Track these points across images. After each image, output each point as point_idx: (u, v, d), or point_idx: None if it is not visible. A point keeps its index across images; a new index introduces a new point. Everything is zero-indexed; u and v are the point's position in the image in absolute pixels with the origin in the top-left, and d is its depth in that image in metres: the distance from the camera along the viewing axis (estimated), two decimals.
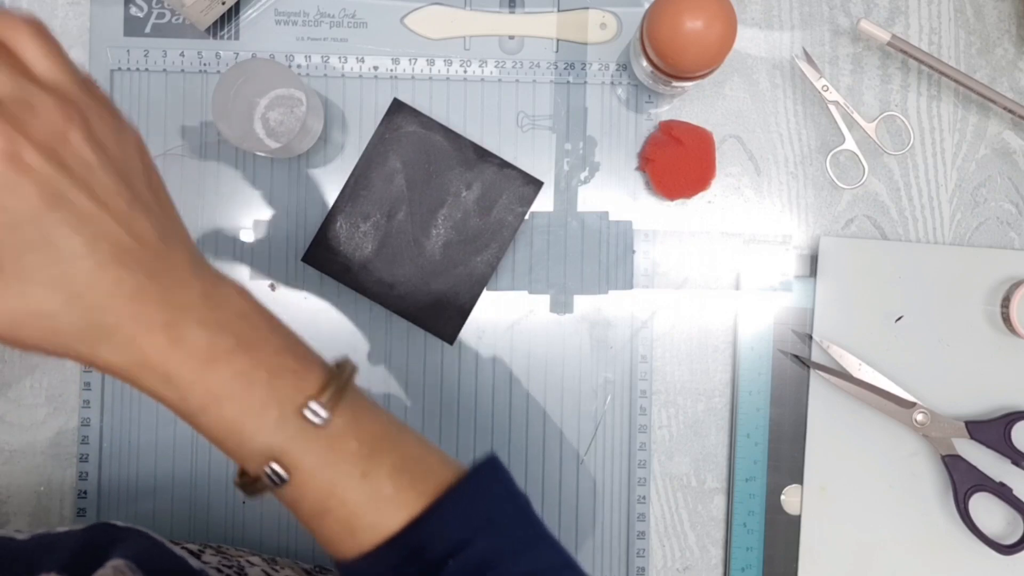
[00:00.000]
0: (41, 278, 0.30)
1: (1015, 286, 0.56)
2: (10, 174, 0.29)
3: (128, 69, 0.57)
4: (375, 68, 0.57)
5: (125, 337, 0.31)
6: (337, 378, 0.34)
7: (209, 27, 0.57)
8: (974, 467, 0.55)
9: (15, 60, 0.31)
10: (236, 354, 0.32)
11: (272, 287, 0.57)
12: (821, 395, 0.57)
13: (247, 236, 0.57)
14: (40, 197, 0.30)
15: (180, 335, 0.32)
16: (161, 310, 0.31)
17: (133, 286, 0.31)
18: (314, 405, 0.33)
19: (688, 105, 0.58)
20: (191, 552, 0.46)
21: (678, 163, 0.56)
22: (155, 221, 0.33)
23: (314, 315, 0.57)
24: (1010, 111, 0.56)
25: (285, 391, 0.33)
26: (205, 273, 0.34)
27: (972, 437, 0.56)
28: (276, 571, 0.48)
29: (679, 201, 0.58)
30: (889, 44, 0.55)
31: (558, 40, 0.58)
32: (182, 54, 0.57)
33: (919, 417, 0.56)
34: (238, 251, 0.57)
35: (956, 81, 0.56)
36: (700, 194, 0.57)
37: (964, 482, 0.55)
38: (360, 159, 0.56)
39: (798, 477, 0.57)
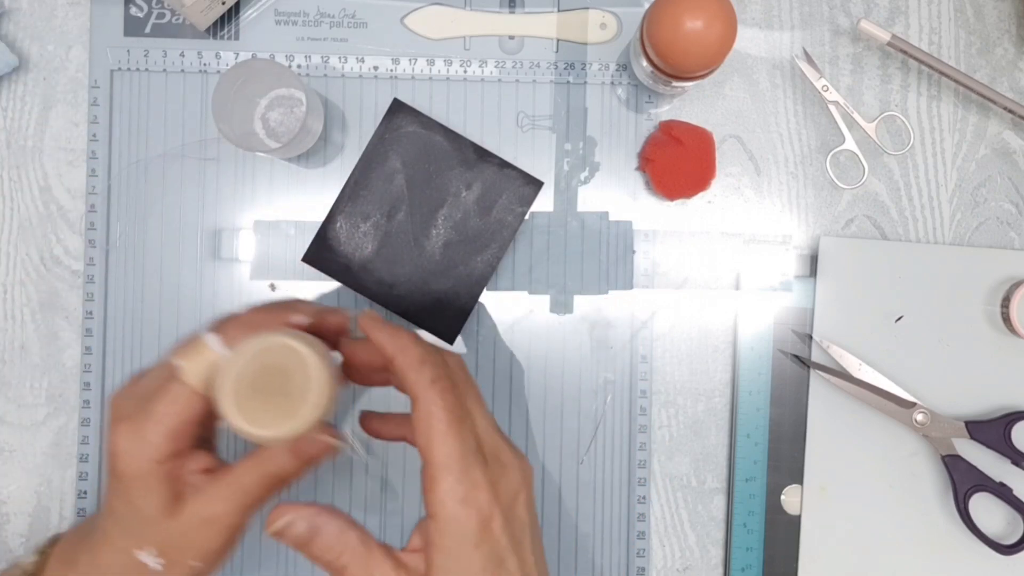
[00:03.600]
0: None
1: (1015, 286, 0.56)
2: (477, 539, 0.28)
3: (128, 69, 0.57)
4: (375, 68, 0.57)
5: None
6: None
7: (209, 27, 0.57)
8: (974, 467, 0.55)
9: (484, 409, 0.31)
10: None
11: (272, 287, 0.57)
12: (821, 395, 0.57)
13: (247, 236, 0.57)
14: (484, 566, 0.29)
15: None
16: None
17: None
18: None
19: (688, 105, 0.58)
20: None
21: (678, 163, 0.56)
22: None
23: None
24: (1010, 111, 0.56)
25: None
26: None
27: (972, 437, 0.56)
28: None
29: (679, 201, 0.58)
30: (889, 44, 0.55)
31: (558, 40, 0.58)
32: (182, 54, 0.57)
33: (919, 417, 0.56)
34: (238, 251, 0.57)
35: (956, 81, 0.56)
36: (700, 194, 0.57)
37: (964, 482, 0.55)
38: (360, 159, 0.56)
39: (798, 477, 0.57)
